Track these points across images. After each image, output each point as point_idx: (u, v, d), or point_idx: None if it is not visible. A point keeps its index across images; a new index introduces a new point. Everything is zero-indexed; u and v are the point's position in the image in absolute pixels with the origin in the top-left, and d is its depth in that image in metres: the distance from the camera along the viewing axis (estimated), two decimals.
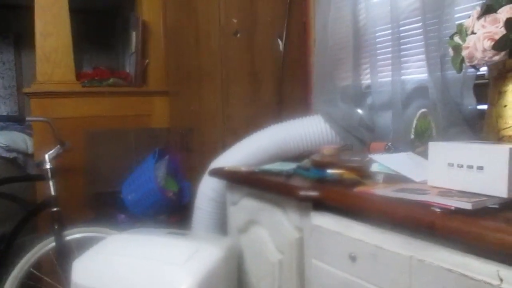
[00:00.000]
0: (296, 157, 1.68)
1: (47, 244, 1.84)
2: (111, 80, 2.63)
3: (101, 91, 2.56)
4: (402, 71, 1.57)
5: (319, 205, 1.15)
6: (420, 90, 1.49)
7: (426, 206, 0.87)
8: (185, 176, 2.27)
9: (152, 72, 2.71)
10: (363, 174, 1.18)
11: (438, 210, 0.85)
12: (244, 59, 2.02)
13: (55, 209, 1.86)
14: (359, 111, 1.74)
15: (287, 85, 2.06)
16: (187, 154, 2.30)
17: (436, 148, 0.98)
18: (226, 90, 2.00)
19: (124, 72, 2.84)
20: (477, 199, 0.83)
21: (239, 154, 1.76)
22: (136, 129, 2.54)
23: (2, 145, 2.66)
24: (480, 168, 0.88)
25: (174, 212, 2.17)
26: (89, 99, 2.54)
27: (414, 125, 1.32)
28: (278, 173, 1.38)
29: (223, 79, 2.01)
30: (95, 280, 1.31)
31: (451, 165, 0.94)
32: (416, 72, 1.56)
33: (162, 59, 2.71)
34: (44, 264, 1.91)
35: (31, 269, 1.81)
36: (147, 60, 2.72)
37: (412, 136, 1.32)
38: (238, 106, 2.00)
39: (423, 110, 1.30)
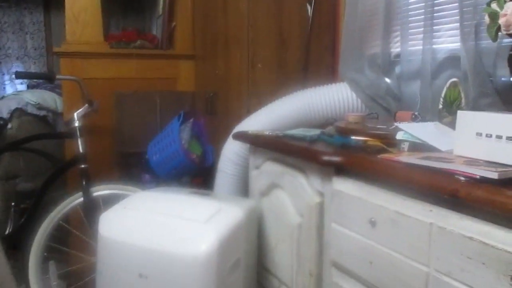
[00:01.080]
0: (320, 124, 1.68)
1: (75, 199, 1.91)
2: (138, 42, 2.64)
3: (128, 53, 2.58)
4: (434, 40, 1.53)
5: (342, 170, 1.16)
6: (451, 60, 1.45)
7: (450, 174, 0.87)
8: (209, 140, 2.30)
9: (179, 35, 2.71)
10: (388, 142, 1.18)
11: (462, 178, 0.84)
12: (271, 24, 1.99)
13: (83, 166, 1.91)
14: (387, 80, 1.71)
15: (314, 52, 2.03)
16: (211, 118, 2.32)
17: (465, 117, 0.96)
18: (253, 55, 1.99)
19: (151, 34, 2.84)
20: (503, 169, 0.82)
21: (263, 119, 1.76)
22: (161, 92, 2.56)
23: (33, 103, 2.73)
24: (510, 138, 0.86)
25: (197, 174, 2.21)
26: (116, 60, 2.56)
27: (443, 95, 1.29)
28: (302, 138, 1.39)
29: (250, 43, 1.99)
30: (121, 233, 1.36)
31: (479, 134, 0.93)
32: (448, 41, 1.51)
33: (189, 22, 2.69)
34: (72, 218, 1.99)
35: (60, 222, 1.89)
36: (174, 23, 2.71)
37: (440, 106, 1.29)
38: (264, 71, 1.99)
39: (453, 79, 1.27)
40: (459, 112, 0.98)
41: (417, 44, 1.59)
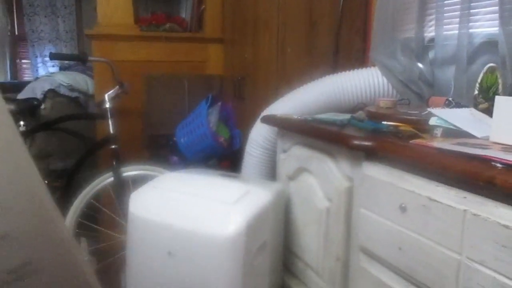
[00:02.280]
0: (350, 109, 1.66)
1: (106, 179, 1.95)
2: (168, 25, 2.65)
3: (158, 36, 2.60)
4: (470, 24, 1.48)
5: (372, 155, 1.15)
6: (488, 45, 1.41)
7: (486, 161, 0.85)
8: (236, 124, 2.31)
9: (208, 18, 2.71)
10: (420, 128, 1.16)
11: (499, 165, 0.82)
12: (302, 7, 1.96)
13: (113, 146, 1.95)
14: (420, 65, 1.67)
15: (345, 36, 2.00)
16: (239, 102, 2.32)
17: (504, 102, 0.94)
18: (282, 39, 1.97)
19: (180, 18, 2.85)
20: None
21: (292, 103, 1.75)
22: (190, 75, 2.58)
23: (65, 84, 2.79)
24: None
25: (224, 157, 2.23)
26: (146, 43, 2.58)
27: (479, 81, 1.25)
28: (332, 123, 1.37)
29: (280, 27, 1.98)
30: (151, 212, 1.39)
31: None
32: (485, 25, 1.46)
33: (219, 5, 2.68)
34: (103, 197, 2.04)
35: (91, 200, 1.94)
36: (203, 6, 2.71)
37: (476, 92, 1.26)
38: (293, 55, 1.97)
39: (491, 64, 1.23)
40: (497, 98, 0.96)
41: (453, 29, 1.54)
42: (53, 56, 1.98)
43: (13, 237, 0.92)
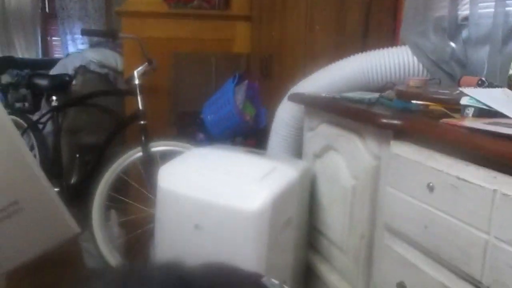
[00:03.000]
0: (378, 89, 1.64)
1: (135, 154, 2.00)
2: (195, 2, 2.65)
3: (186, 13, 2.61)
4: (508, 2, 1.43)
5: (400, 134, 1.14)
6: None
7: None
8: (263, 102, 2.32)
9: None
10: (451, 107, 1.14)
11: None
12: None
13: (142, 122, 1.99)
14: (452, 44, 1.63)
15: (375, 15, 1.96)
16: (266, 80, 2.33)
17: None
18: (311, 17, 1.95)
19: None
20: None
21: (319, 82, 1.75)
22: (217, 53, 2.58)
23: (95, 61, 2.84)
24: None
25: (250, 135, 2.25)
26: (174, 21, 2.60)
27: None
28: (360, 101, 1.37)
29: (308, 5, 1.96)
30: (179, 186, 1.42)
31: None
32: None
33: None
34: (132, 171, 2.10)
35: (121, 174, 2.00)
36: None
37: (510, 72, 1.22)
38: (322, 34, 1.96)
39: None
40: None
41: (488, 7, 1.49)
42: (84, 32, 2.02)
43: (2, 180, 1.15)
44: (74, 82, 2.68)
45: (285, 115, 1.84)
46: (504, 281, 0.83)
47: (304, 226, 1.56)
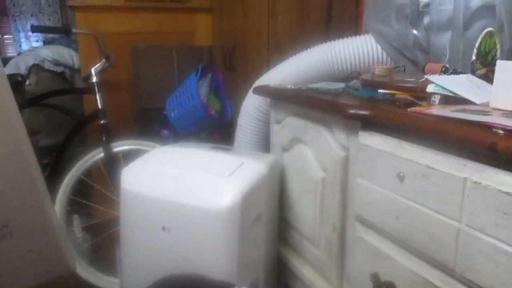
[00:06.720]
0: (343, 78, 1.62)
1: (96, 155, 1.92)
2: None
3: (144, 6, 2.51)
4: None
5: (368, 124, 1.13)
6: (485, 9, 1.37)
7: (487, 127, 0.83)
8: (228, 95, 2.27)
9: None
10: (417, 95, 1.13)
11: (501, 131, 0.80)
12: None
13: (102, 121, 1.91)
14: (414, 31, 1.63)
15: (337, 2, 1.94)
16: (230, 72, 2.27)
17: (505, 67, 0.91)
18: (273, 6, 1.91)
19: None
20: None
21: (284, 73, 1.71)
22: (178, 46, 2.51)
23: (50, 59, 2.71)
24: None
25: (216, 129, 2.20)
26: (132, 14, 2.50)
27: (477, 45, 1.22)
28: (326, 92, 1.34)
29: None
30: (144, 187, 1.36)
31: None
32: None
33: None
34: (94, 173, 2.01)
35: (82, 177, 1.91)
36: None
37: (474, 58, 1.23)
38: (285, 23, 1.92)
39: (489, 29, 1.20)
40: (498, 62, 0.93)
41: None
42: (34, 29, 1.90)
43: None
44: (27, 82, 2.55)
45: (250, 108, 1.80)
46: (476, 268, 0.83)
47: (274, 220, 1.54)
